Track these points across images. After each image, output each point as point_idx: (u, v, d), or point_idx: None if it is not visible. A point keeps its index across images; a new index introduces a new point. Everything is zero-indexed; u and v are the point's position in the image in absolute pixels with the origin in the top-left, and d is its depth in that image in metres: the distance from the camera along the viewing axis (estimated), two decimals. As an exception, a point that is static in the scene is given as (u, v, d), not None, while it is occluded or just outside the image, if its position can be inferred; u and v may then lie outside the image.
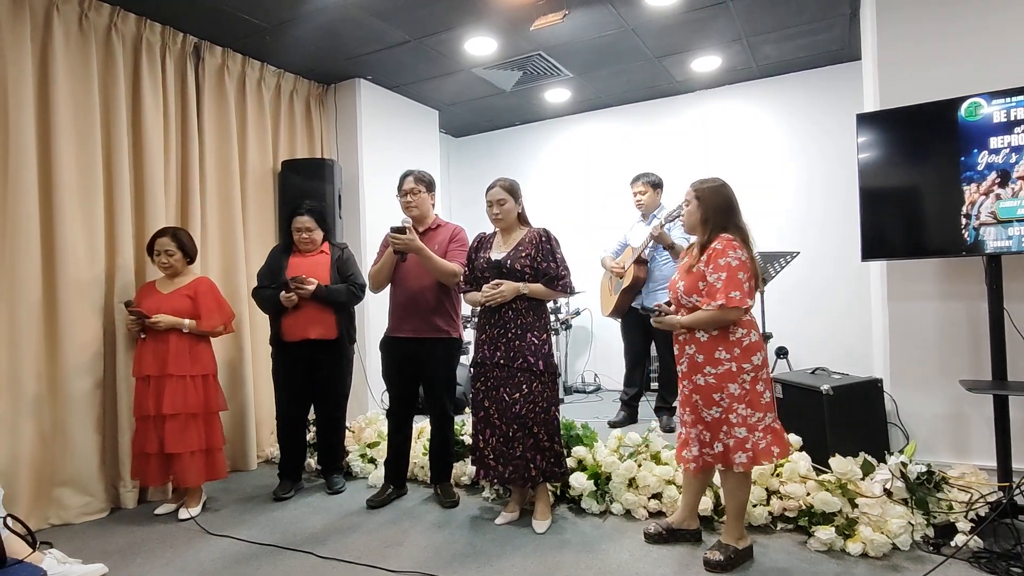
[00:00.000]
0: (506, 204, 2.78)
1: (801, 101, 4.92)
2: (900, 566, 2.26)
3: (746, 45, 4.34)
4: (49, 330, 2.99)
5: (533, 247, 2.74)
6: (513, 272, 2.71)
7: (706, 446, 2.30)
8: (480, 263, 2.82)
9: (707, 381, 2.25)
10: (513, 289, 2.68)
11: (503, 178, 2.84)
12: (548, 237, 2.78)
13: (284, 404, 3.30)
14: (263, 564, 2.48)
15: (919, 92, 2.89)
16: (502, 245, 2.83)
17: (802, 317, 4.74)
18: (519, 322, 2.70)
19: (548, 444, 2.71)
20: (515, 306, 2.71)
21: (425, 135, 5.37)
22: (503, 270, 2.72)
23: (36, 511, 2.87)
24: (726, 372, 2.21)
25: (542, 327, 2.75)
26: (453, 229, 3.13)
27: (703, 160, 5.25)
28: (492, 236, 2.91)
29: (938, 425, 3.04)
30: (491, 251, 2.84)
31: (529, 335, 2.70)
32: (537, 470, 2.68)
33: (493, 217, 2.81)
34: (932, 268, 3.06)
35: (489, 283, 2.72)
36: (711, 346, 2.24)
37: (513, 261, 2.72)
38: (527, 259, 2.72)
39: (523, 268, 2.71)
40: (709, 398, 2.26)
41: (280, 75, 4.34)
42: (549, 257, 2.74)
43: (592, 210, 5.62)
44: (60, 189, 3.01)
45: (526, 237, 2.79)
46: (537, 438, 2.68)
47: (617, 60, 4.54)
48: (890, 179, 2.93)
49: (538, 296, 2.74)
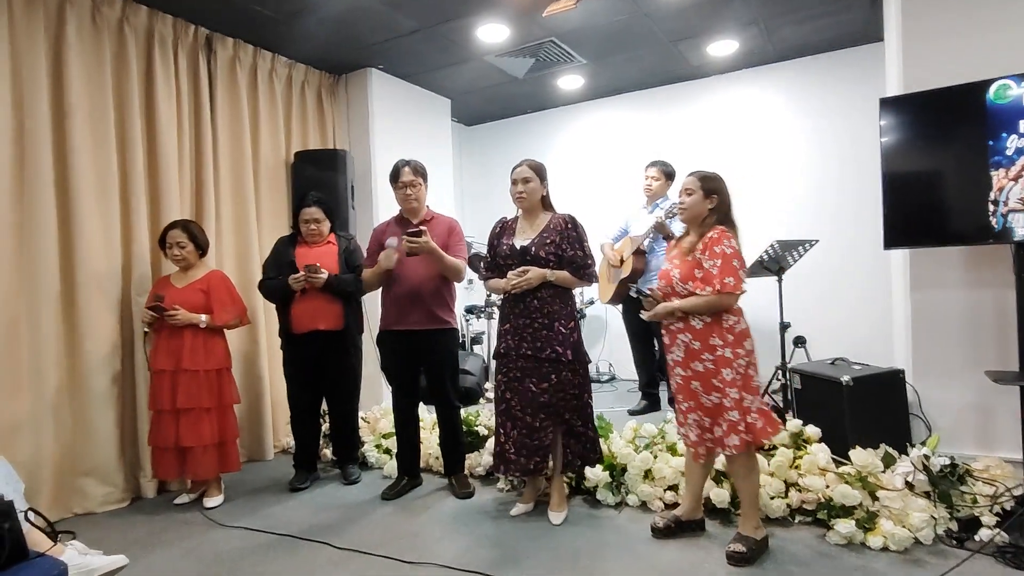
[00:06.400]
0: (531, 183, 2.71)
1: (818, 85, 4.81)
2: (922, 560, 2.22)
3: (763, 28, 4.24)
4: (68, 323, 3.02)
5: (558, 233, 2.67)
6: (538, 259, 2.64)
7: (707, 431, 2.31)
8: (503, 249, 2.74)
9: (705, 367, 2.27)
10: (539, 275, 2.60)
11: (530, 159, 2.79)
12: (575, 224, 2.71)
13: (296, 395, 3.32)
14: (280, 555, 2.50)
15: (945, 75, 2.81)
16: (527, 230, 2.75)
17: (820, 306, 4.66)
18: (545, 311, 2.63)
19: (582, 430, 2.68)
20: (540, 294, 2.63)
21: (437, 124, 5.33)
22: (527, 257, 2.65)
23: (60, 500, 2.93)
24: (721, 358, 2.25)
25: (569, 315, 2.68)
26: (450, 222, 3.10)
27: (718, 146, 5.17)
28: (514, 221, 2.84)
29: (962, 417, 2.98)
30: (514, 237, 2.76)
31: (557, 324, 2.63)
32: (572, 454, 2.66)
33: (516, 195, 2.73)
34: (957, 256, 2.98)
35: (514, 270, 2.65)
36: (706, 333, 2.27)
37: (538, 248, 2.65)
38: (552, 246, 2.65)
39: (548, 255, 2.64)
40: (709, 383, 2.28)
41: (291, 66, 4.33)
42: (576, 244, 2.67)
43: (606, 198, 5.56)
44: (76, 183, 3.03)
45: (551, 223, 2.72)
46: (570, 424, 2.65)
47: (631, 45, 4.46)
48: (915, 165, 2.85)
49: (563, 284, 2.67)
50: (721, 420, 2.26)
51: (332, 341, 3.20)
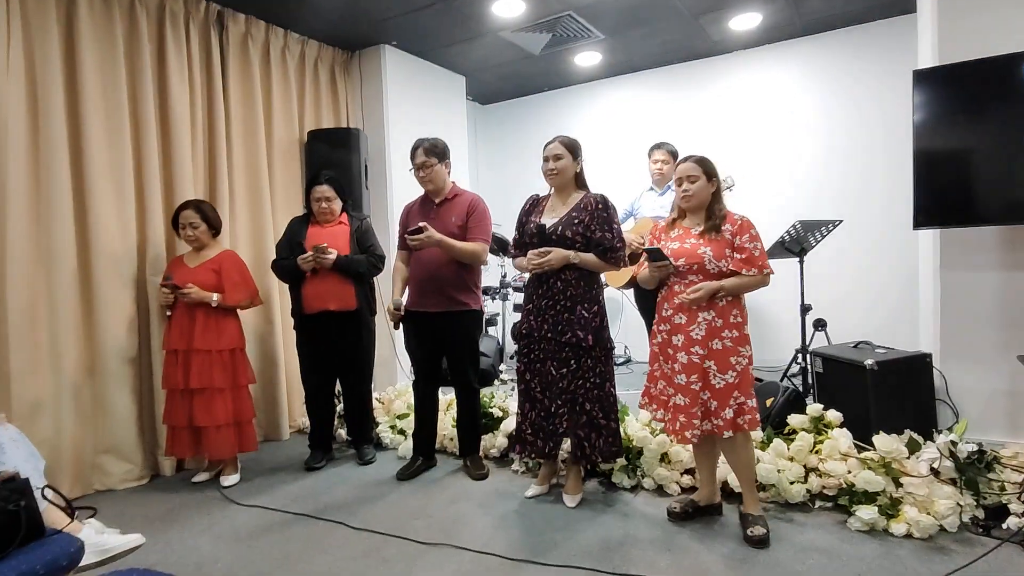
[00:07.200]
0: (562, 160, 2.63)
1: (845, 59, 4.64)
2: (947, 548, 2.16)
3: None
4: (85, 304, 3.04)
5: (588, 214, 2.58)
6: (563, 240, 2.56)
7: (712, 415, 2.26)
8: (530, 227, 2.66)
9: (725, 345, 2.27)
10: (561, 257, 2.53)
11: (564, 135, 2.72)
12: (606, 205, 2.61)
13: (309, 376, 3.32)
14: (295, 533, 2.51)
15: (983, 46, 2.67)
16: (557, 208, 2.68)
17: (842, 288, 4.55)
18: (568, 293, 2.57)
19: (604, 422, 2.61)
20: (564, 276, 2.57)
21: (452, 102, 5.25)
22: (551, 237, 2.57)
23: (80, 478, 2.98)
24: (741, 336, 2.29)
25: (593, 299, 2.61)
26: (471, 200, 3.03)
27: (739, 125, 5.04)
28: (546, 198, 2.77)
29: (991, 402, 2.89)
30: (542, 215, 2.69)
31: (579, 307, 2.57)
32: (593, 449, 2.59)
33: (547, 172, 2.67)
34: (991, 236, 2.87)
35: (536, 250, 2.59)
36: (728, 311, 2.29)
37: (564, 228, 2.57)
38: (579, 226, 2.57)
39: (574, 236, 2.56)
40: (726, 362, 2.26)
41: (304, 42, 4.27)
42: (605, 226, 2.57)
43: (625, 178, 5.45)
44: (91, 165, 3.02)
45: (581, 202, 2.63)
46: (591, 415, 2.59)
47: (651, 19, 4.33)
48: (948, 141, 2.74)
49: (589, 267, 2.59)
50: (731, 401, 2.24)
51: (344, 321, 3.18)
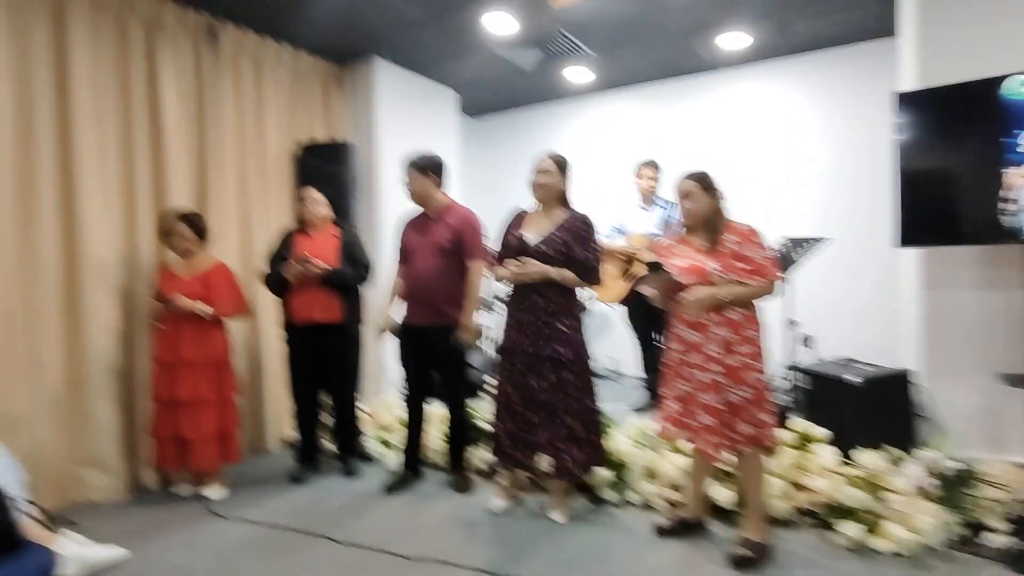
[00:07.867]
0: (551, 176, 2.67)
1: (830, 79, 4.73)
2: (932, 566, 2.18)
3: (776, 21, 4.17)
4: (70, 312, 3.00)
5: (570, 234, 2.62)
6: (544, 257, 2.60)
7: (730, 429, 2.21)
8: (512, 240, 2.71)
9: (742, 361, 2.21)
10: (541, 271, 2.57)
11: (556, 152, 2.76)
12: (588, 225, 2.66)
13: (296, 387, 3.30)
14: (280, 547, 2.48)
15: (962, 70, 2.74)
16: (541, 224, 2.69)
17: (826, 305, 4.59)
18: (548, 309, 2.60)
19: (584, 435, 2.62)
20: (544, 291, 2.61)
21: (443, 116, 5.27)
22: (533, 253, 2.60)
23: (61, 490, 2.92)
24: (757, 351, 2.23)
25: (573, 314, 2.65)
26: (462, 216, 3.02)
27: (727, 141, 5.10)
28: (530, 213, 2.79)
29: (972, 419, 2.93)
30: (526, 230, 2.71)
31: (558, 323, 2.60)
32: (574, 462, 2.59)
33: (535, 185, 2.69)
34: (970, 256, 2.92)
35: (515, 260, 2.62)
36: (742, 325, 2.23)
37: (547, 246, 2.61)
38: (560, 244, 2.61)
39: (556, 254, 2.60)
40: (740, 377, 2.21)
41: (296, 55, 4.28)
42: (585, 246, 2.62)
43: (614, 193, 5.49)
44: (79, 172, 3.00)
45: (566, 222, 2.67)
46: (571, 429, 2.59)
47: (641, 37, 4.39)
48: (930, 161, 2.80)
49: (568, 283, 2.63)
50: (748, 416, 2.20)
51: (330, 332, 3.18)
